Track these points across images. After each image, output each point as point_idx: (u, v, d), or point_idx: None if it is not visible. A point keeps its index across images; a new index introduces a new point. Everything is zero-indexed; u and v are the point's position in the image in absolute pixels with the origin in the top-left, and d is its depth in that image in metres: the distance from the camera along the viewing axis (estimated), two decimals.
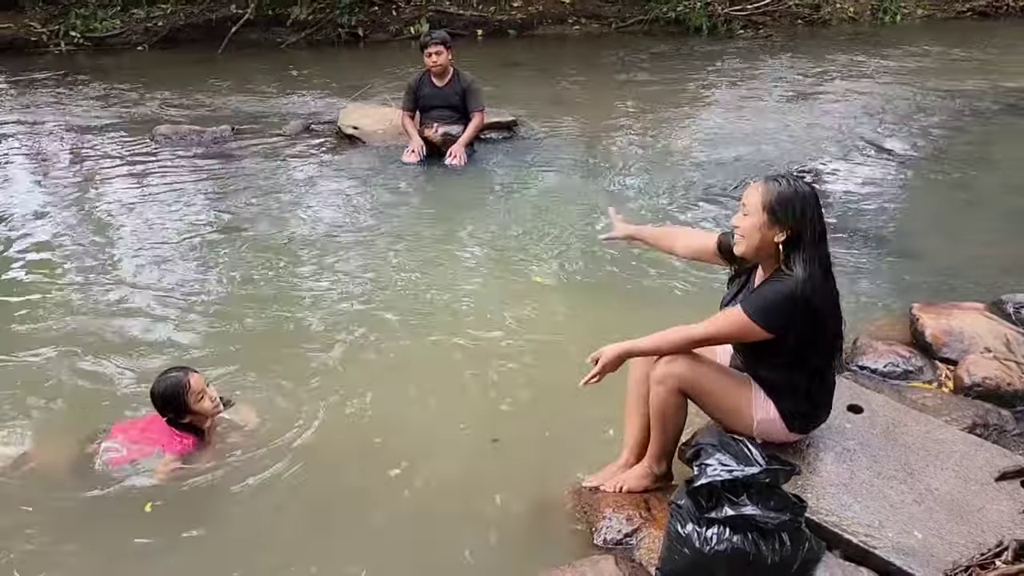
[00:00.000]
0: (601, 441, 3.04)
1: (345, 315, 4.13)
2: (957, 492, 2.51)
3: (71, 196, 5.90)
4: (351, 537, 2.72)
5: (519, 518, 2.77)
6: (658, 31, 12.50)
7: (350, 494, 2.91)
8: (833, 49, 11.17)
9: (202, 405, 3.02)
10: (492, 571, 2.58)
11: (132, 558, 2.64)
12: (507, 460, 3.05)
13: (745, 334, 2.47)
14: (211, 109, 8.19)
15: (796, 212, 2.40)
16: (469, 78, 6.51)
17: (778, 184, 2.43)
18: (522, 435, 3.18)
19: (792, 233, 2.41)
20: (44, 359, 3.70)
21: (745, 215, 2.47)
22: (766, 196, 2.42)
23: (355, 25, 11.96)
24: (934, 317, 3.67)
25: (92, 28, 11.48)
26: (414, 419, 3.30)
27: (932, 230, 5.18)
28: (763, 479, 2.24)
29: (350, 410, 3.34)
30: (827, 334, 2.52)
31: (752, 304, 2.45)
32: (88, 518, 2.78)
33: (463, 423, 3.27)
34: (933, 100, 8.20)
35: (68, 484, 2.90)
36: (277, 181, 6.14)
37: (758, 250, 2.48)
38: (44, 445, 3.08)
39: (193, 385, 2.99)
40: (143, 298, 4.29)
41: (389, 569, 2.61)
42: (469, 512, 2.81)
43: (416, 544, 2.70)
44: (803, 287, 2.38)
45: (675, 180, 6.04)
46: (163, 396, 3.00)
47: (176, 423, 3.02)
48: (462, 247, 4.97)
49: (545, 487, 2.88)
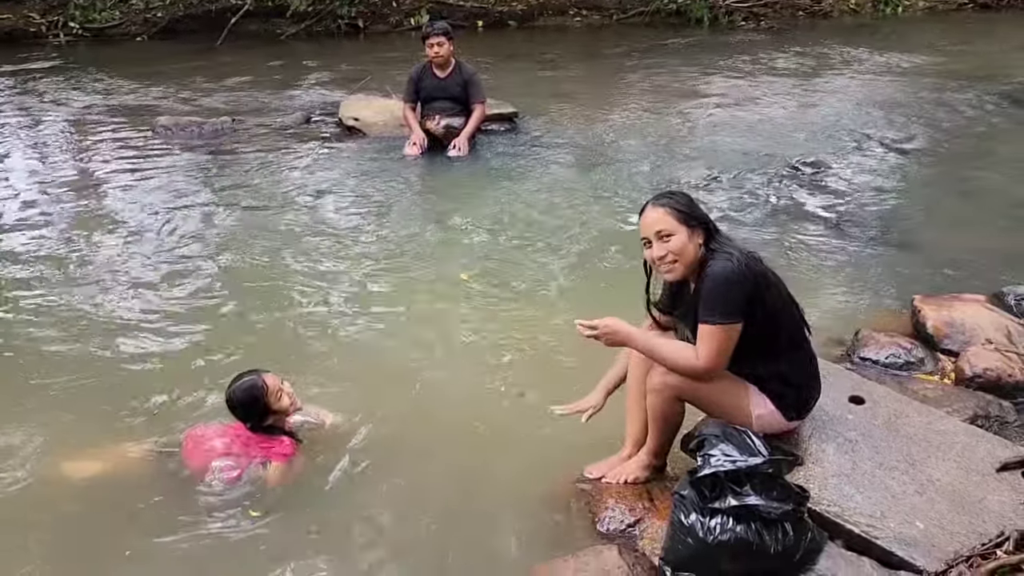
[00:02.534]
0: (603, 432, 3.04)
1: (350, 305, 4.15)
2: (958, 483, 2.51)
3: (71, 188, 5.90)
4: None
5: (522, 508, 2.77)
6: (659, 23, 12.47)
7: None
8: (834, 41, 11.13)
9: (282, 403, 2.95)
10: (496, 561, 2.59)
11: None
12: (510, 451, 3.06)
13: (730, 338, 2.46)
14: (211, 100, 8.17)
15: (696, 210, 2.55)
16: (470, 70, 6.50)
17: (670, 199, 2.56)
18: (524, 426, 3.18)
19: (704, 230, 2.53)
20: (54, 356, 3.70)
21: (667, 238, 2.50)
22: (675, 211, 2.52)
23: (355, 16, 11.92)
24: (935, 309, 3.68)
25: (91, 19, 11.45)
26: (422, 408, 3.32)
27: (933, 222, 5.18)
28: (766, 469, 2.25)
29: (386, 400, 3.36)
30: (783, 299, 2.54)
31: (707, 310, 2.45)
32: (205, 534, 2.71)
33: (466, 412, 3.28)
34: (933, 92, 8.18)
35: (178, 501, 2.82)
36: (278, 173, 6.14)
37: (693, 261, 2.52)
38: (120, 458, 3.01)
39: (270, 385, 2.92)
40: (148, 294, 4.29)
41: (392, 554, 2.62)
42: (472, 502, 2.82)
43: (416, 534, 2.71)
44: (736, 257, 2.45)
45: (676, 171, 6.04)
46: (243, 402, 2.91)
47: (259, 427, 2.94)
48: (463, 237, 4.97)
49: (548, 478, 2.89)
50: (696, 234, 2.51)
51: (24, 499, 2.82)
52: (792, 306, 2.59)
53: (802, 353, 2.65)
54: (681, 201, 2.55)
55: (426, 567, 2.60)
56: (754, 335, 2.48)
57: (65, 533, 2.72)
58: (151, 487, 2.88)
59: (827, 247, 4.76)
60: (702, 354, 2.48)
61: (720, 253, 2.48)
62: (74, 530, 2.73)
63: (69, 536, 2.71)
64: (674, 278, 2.58)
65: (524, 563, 2.53)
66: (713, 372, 2.52)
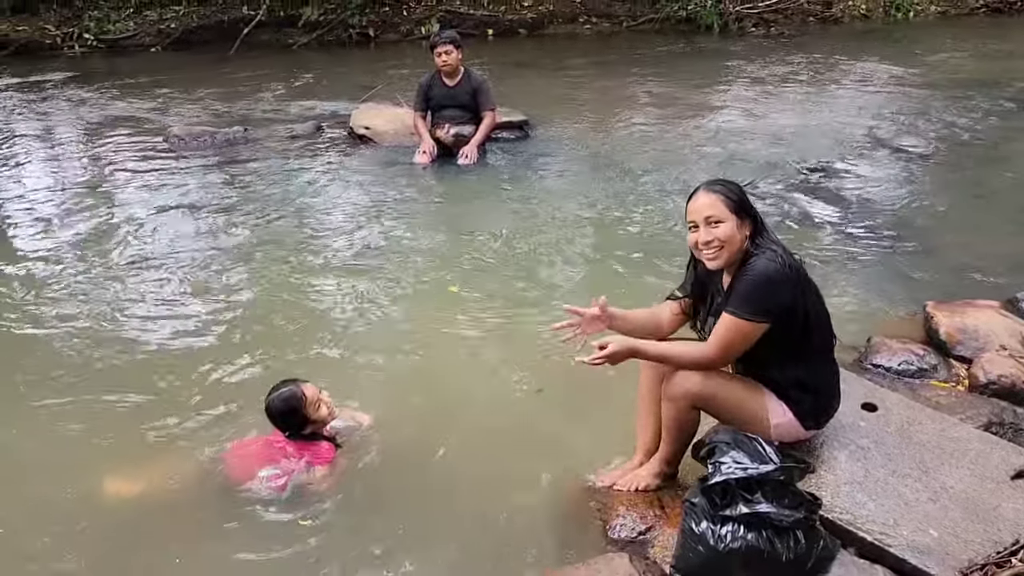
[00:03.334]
0: (615, 440, 3.04)
1: (367, 312, 4.17)
2: (973, 490, 2.50)
3: (86, 197, 5.95)
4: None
5: (533, 515, 2.77)
6: (669, 29, 12.49)
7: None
8: (845, 47, 11.12)
9: (320, 413, 2.98)
10: (507, 568, 2.59)
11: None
12: (523, 457, 3.05)
13: (748, 336, 2.44)
14: (224, 110, 8.23)
15: (749, 203, 2.53)
16: (479, 78, 6.53)
17: (723, 186, 2.54)
18: (536, 432, 3.19)
19: (753, 223, 2.51)
20: (76, 369, 3.70)
21: (716, 224, 2.47)
22: (728, 199, 2.49)
23: (366, 25, 12.00)
24: (948, 315, 3.66)
25: (106, 30, 11.58)
26: (439, 413, 3.33)
27: (946, 228, 5.15)
28: (777, 477, 2.24)
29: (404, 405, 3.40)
30: (817, 306, 2.53)
31: (737, 303, 2.44)
32: (259, 540, 2.72)
33: (483, 418, 3.29)
34: (946, 97, 8.15)
35: (225, 513, 2.83)
36: (289, 181, 6.17)
37: (735, 254, 2.50)
38: (164, 473, 3.01)
39: (309, 395, 2.95)
40: (166, 304, 4.30)
41: (402, 558, 2.63)
42: (485, 508, 2.82)
43: (429, 537, 2.71)
44: (781, 258, 2.44)
45: (687, 179, 6.02)
46: (282, 412, 2.94)
47: (297, 436, 2.97)
48: (473, 244, 4.98)
49: (559, 485, 2.89)
50: (744, 226, 2.49)
51: (72, 514, 2.83)
52: (824, 313, 2.58)
53: (827, 362, 2.64)
54: (734, 190, 2.52)
55: (437, 571, 2.60)
56: (785, 338, 2.47)
57: (115, 548, 2.72)
58: (198, 500, 2.89)
59: (839, 253, 4.74)
60: (711, 343, 2.47)
61: (766, 250, 2.47)
62: (124, 546, 2.73)
63: (119, 551, 2.71)
64: (716, 266, 2.52)
65: (536, 570, 2.54)
66: (721, 364, 2.51)
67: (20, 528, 2.78)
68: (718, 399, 2.56)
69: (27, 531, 2.76)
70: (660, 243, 4.90)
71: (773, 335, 2.45)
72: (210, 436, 3.19)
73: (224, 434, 3.18)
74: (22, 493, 2.95)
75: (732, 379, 2.64)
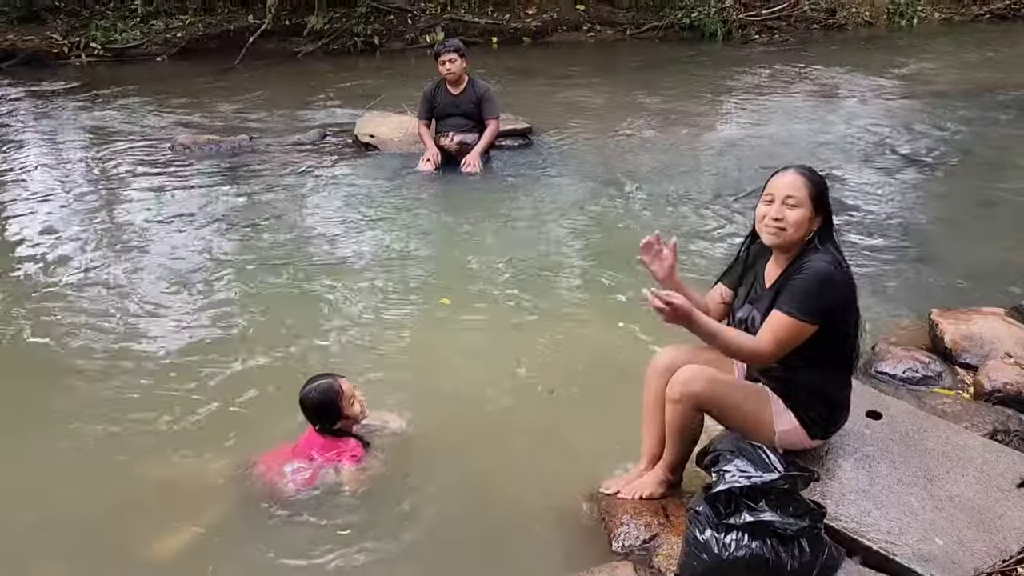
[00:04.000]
0: (619, 447, 3.04)
1: (365, 318, 4.18)
2: (978, 498, 2.49)
3: (92, 206, 5.98)
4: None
5: (537, 524, 2.77)
6: (673, 37, 12.51)
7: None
8: (849, 54, 11.14)
9: (353, 409, 3.01)
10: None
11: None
12: (524, 465, 3.05)
13: (800, 335, 2.42)
14: (229, 119, 8.27)
15: (827, 198, 2.50)
16: (484, 86, 6.55)
17: (812, 173, 2.51)
18: (539, 441, 3.18)
19: (824, 221, 2.49)
20: (96, 376, 3.72)
21: (793, 207, 2.45)
22: (811, 187, 2.46)
23: (371, 34, 12.06)
24: (953, 322, 3.65)
25: (112, 39, 11.65)
26: (441, 418, 3.32)
27: (951, 235, 5.14)
28: (782, 485, 2.24)
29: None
30: (854, 318, 2.53)
31: (792, 300, 2.41)
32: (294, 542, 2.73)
33: (483, 423, 3.29)
34: (950, 104, 8.16)
35: (255, 515, 2.84)
36: (294, 189, 6.20)
37: (797, 242, 2.49)
38: (194, 476, 3.03)
39: (345, 389, 2.99)
40: (171, 310, 4.32)
41: (403, 571, 2.63)
42: (486, 517, 2.82)
43: (433, 544, 2.71)
44: (839, 262, 2.44)
45: (690, 188, 6.04)
46: (318, 403, 2.96)
47: (327, 431, 2.99)
48: (478, 252, 4.98)
49: (562, 493, 2.88)
50: (815, 220, 2.48)
51: (106, 521, 2.85)
52: (856, 325, 2.56)
53: (845, 375, 2.63)
54: (820, 182, 2.50)
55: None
56: (816, 343, 2.45)
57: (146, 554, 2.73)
58: (231, 504, 2.91)
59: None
60: (766, 339, 2.43)
61: (826, 252, 2.46)
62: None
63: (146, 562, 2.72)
64: (772, 243, 2.51)
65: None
66: (770, 361, 2.48)
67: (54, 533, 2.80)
68: (722, 402, 2.55)
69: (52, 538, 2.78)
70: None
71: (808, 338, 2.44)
72: (224, 441, 3.20)
73: (239, 438, 3.19)
74: (55, 496, 2.97)
75: (736, 384, 2.64)
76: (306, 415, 3.01)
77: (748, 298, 2.64)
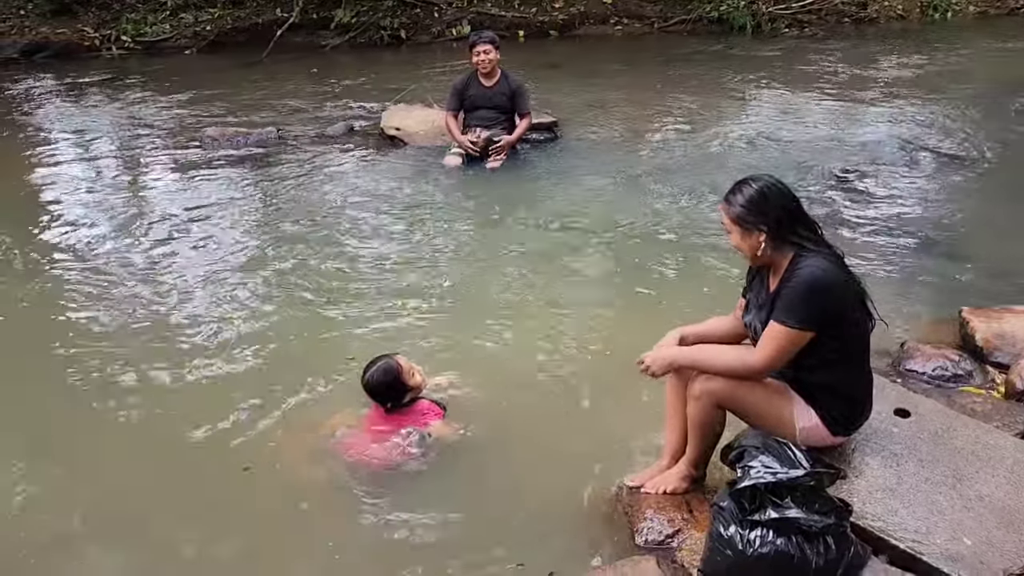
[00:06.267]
0: (643, 442, 3.04)
1: (394, 309, 4.21)
2: (1009, 499, 2.45)
3: (122, 198, 6.07)
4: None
5: (560, 517, 2.78)
6: (701, 31, 12.39)
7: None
8: (881, 48, 10.97)
9: (415, 380, 3.15)
10: (533, 569, 2.59)
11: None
12: (549, 460, 3.06)
13: (794, 344, 2.43)
14: (257, 111, 8.33)
15: (757, 210, 2.48)
16: (517, 80, 6.50)
17: (733, 196, 2.54)
18: (564, 435, 3.19)
19: (768, 228, 2.49)
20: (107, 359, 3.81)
21: (728, 233, 2.59)
22: (730, 212, 2.54)
23: (397, 27, 12.07)
24: (985, 321, 3.59)
25: (142, 32, 11.78)
26: (469, 409, 3.35)
27: (983, 233, 5.05)
28: (807, 482, 2.22)
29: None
30: (856, 313, 2.50)
31: (784, 311, 2.43)
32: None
33: (507, 416, 3.30)
34: (984, 99, 8.00)
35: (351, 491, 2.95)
36: (322, 182, 6.24)
37: (758, 256, 2.54)
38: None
39: (404, 365, 3.12)
40: (200, 300, 4.39)
41: (434, 555, 2.65)
42: (511, 510, 2.83)
43: (458, 536, 2.73)
44: (824, 266, 2.43)
45: (719, 182, 5.96)
46: (382, 384, 3.09)
47: (398, 407, 3.12)
48: (504, 245, 4.99)
49: (586, 487, 2.89)
50: (752, 236, 2.49)
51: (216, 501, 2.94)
52: (864, 320, 2.54)
53: (861, 368, 2.60)
54: (738, 200, 2.51)
55: (465, 571, 2.61)
56: (820, 344, 2.45)
57: (255, 529, 2.82)
58: (325, 484, 2.99)
59: (873, 257, 4.67)
60: (762, 352, 2.46)
61: (811, 255, 2.46)
62: (271, 531, 2.82)
63: (260, 532, 2.81)
64: (751, 264, 2.65)
65: (563, 572, 2.53)
66: (766, 373, 2.50)
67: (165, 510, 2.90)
68: (743, 400, 2.55)
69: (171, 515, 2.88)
70: (692, 247, 4.88)
71: (810, 340, 2.44)
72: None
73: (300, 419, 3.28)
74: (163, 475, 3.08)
75: (758, 381, 2.62)
76: (374, 398, 3.12)
77: (753, 304, 2.65)
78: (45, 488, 3.02)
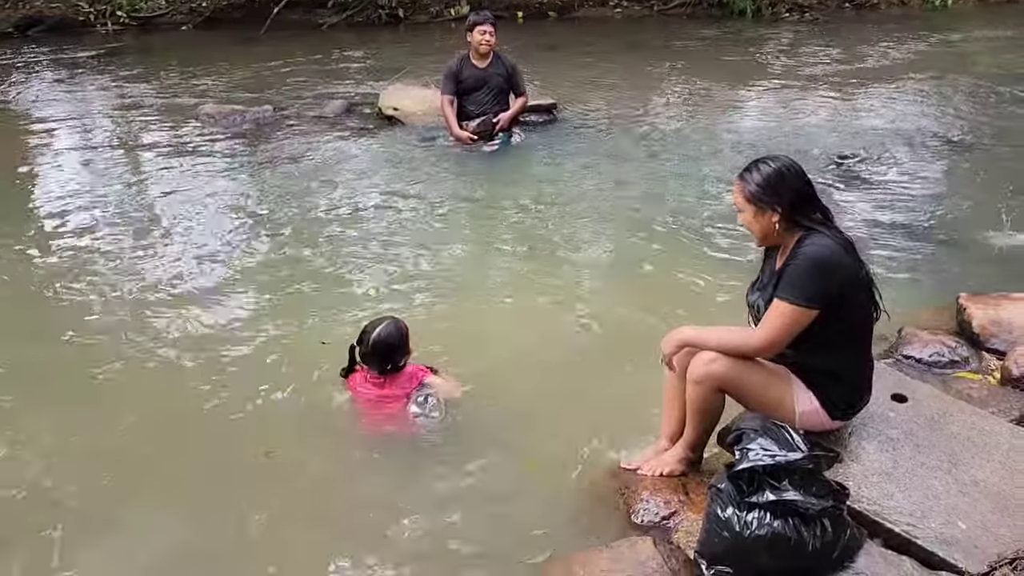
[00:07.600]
0: (641, 424, 3.04)
1: (389, 287, 4.21)
2: (1004, 484, 2.46)
3: (117, 175, 6.04)
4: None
5: (557, 498, 2.78)
6: (701, 14, 12.34)
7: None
8: (881, 34, 10.93)
9: (411, 343, 3.15)
10: (531, 548, 2.60)
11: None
12: (545, 441, 3.06)
13: (798, 322, 2.42)
14: (253, 89, 8.28)
15: (773, 190, 2.49)
16: (511, 60, 6.47)
17: (749, 174, 2.54)
18: (561, 416, 3.19)
19: (783, 209, 2.48)
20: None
21: (740, 212, 2.59)
22: (744, 190, 2.53)
23: (395, 6, 11.99)
24: (982, 307, 3.60)
25: (137, 8, 11.68)
26: (471, 383, 3.33)
27: (981, 220, 5.05)
28: (805, 465, 2.22)
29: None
30: (862, 295, 2.50)
31: (788, 287, 2.43)
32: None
33: (505, 395, 3.30)
34: (984, 86, 7.99)
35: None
36: (317, 161, 6.20)
37: (768, 236, 2.55)
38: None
39: (408, 327, 3.11)
40: (197, 276, 4.37)
41: (429, 533, 2.66)
42: (507, 491, 2.83)
43: (458, 516, 2.73)
44: (831, 245, 2.43)
45: (718, 166, 5.98)
46: (390, 344, 3.04)
47: (395, 369, 3.08)
48: (502, 227, 4.98)
49: (583, 468, 2.89)
50: (766, 215, 2.49)
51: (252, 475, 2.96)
52: (868, 304, 2.54)
53: (862, 353, 2.60)
54: (754, 179, 2.51)
55: (463, 549, 2.62)
56: (823, 326, 2.44)
57: (292, 498, 2.82)
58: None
59: (871, 243, 4.67)
60: (764, 330, 2.45)
61: (817, 234, 2.45)
62: (322, 495, 2.84)
63: (302, 501, 2.82)
64: (758, 245, 2.66)
65: (559, 551, 2.54)
66: (769, 351, 2.49)
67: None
68: (743, 383, 2.55)
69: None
70: (691, 227, 4.87)
71: (811, 322, 2.43)
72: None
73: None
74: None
75: (757, 364, 2.62)
76: (376, 360, 3.05)
77: (759, 284, 2.65)
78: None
